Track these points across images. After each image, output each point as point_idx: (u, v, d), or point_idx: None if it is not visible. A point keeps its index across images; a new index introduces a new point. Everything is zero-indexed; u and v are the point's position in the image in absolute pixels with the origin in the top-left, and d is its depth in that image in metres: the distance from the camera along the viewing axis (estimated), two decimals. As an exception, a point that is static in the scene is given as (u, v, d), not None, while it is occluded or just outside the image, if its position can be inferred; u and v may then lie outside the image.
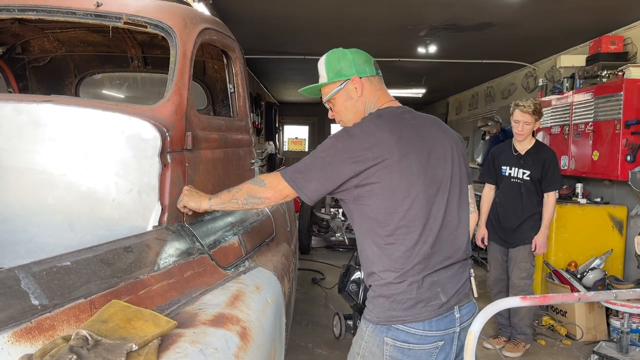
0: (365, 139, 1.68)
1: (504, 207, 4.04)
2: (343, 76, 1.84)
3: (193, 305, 1.55)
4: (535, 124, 3.86)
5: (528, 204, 3.93)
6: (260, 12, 5.26)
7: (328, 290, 5.68)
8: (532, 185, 3.91)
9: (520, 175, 3.95)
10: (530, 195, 3.93)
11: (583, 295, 1.97)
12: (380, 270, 1.71)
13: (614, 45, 5.07)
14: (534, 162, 3.90)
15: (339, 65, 1.85)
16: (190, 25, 2.07)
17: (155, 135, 1.75)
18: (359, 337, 1.79)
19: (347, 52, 1.88)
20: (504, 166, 4.05)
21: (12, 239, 1.73)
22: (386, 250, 1.69)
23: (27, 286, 1.18)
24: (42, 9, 2.03)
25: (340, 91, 1.85)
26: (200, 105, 3.40)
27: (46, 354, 1.08)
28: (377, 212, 1.68)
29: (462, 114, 11.42)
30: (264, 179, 1.79)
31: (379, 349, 1.71)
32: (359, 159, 1.65)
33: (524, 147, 3.97)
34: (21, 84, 3.04)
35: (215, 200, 1.86)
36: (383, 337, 1.71)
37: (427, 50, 6.61)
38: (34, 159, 1.78)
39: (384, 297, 1.70)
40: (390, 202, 1.67)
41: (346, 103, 1.85)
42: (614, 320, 4.17)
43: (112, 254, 1.46)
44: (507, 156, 4.05)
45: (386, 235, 1.69)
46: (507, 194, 4.02)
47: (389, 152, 1.66)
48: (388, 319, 1.70)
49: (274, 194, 1.77)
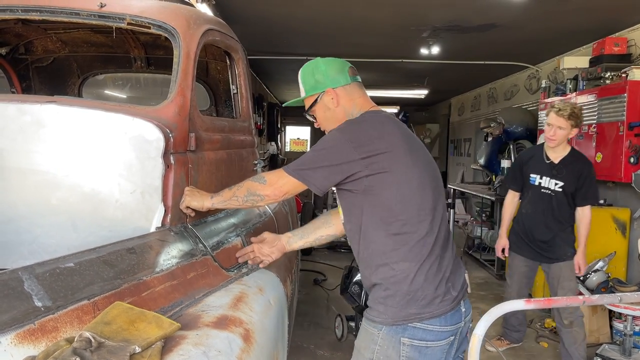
0: (374, 128, 1.74)
1: (531, 219, 3.68)
2: (318, 89, 1.88)
3: (196, 307, 1.55)
4: (571, 130, 3.45)
5: (559, 217, 3.59)
6: (262, 13, 5.26)
7: (330, 291, 5.68)
8: (564, 197, 3.54)
9: (552, 186, 3.57)
10: (561, 208, 3.57)
11: (587, 299, 1.96)
12: (395, 262, 1.69)
13: (618, 46, 5.06)
14: (568, 172, 3.52)
15: (312, 79, 1.89)
16: (193, 26, 2.07)
17: (158, 136, 1.75)
18: (370, 342, 1.73)
19: (320, 64, 1.90)
20: (533, 174, 3.65)
21: (15, 240, 1.73)
22: (401, 239, 1.69)
23: (31, 287, 1.18)
24: (45, 10, 2.03)
25: (317, 104, 1.90)
26: (203, 106, 3.39)
27: (49, 355, 1.08)
28: (390, 202, 1.69)
29: (465, 115, 11.40)
30: (265, 176, 1.82)
31: (395, 350, 1.69)
32: (368, 146, 1.68)
33: (557, 154, 3.56)
34: (24, 85, 3.04)
35: (217, 199, 1.88)
36: (399, 337, 1.68)
37: (429, 51, 6.60)
38: (37, 160, 1.78)
39: (401, 295, 1.68)
40: (404, 191, 1.69)
41: (325, 114, 1.91)
42: (617, 322, 4.16)
43: (115, 256, 1.46)
44: (538, 163, 3.65)
45: (401, 224, 1.69)
46: (535, 205, 3.66)
47: (398, 143, 1.71)
48: (405, 318, 1.68)
49: (273, 191, 1.78)
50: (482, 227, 7.48)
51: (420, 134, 13.52)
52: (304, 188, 1.77)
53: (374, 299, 1.76)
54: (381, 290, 1.73)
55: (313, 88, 1.89)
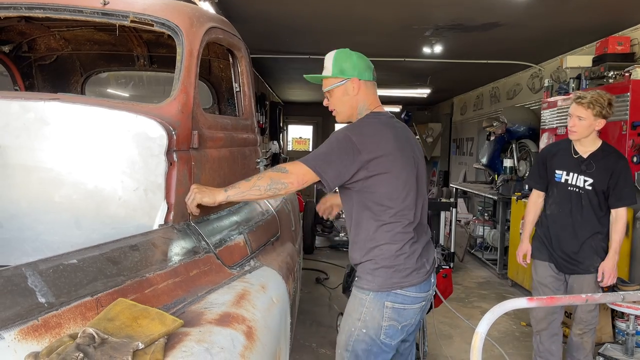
0: (375, 134, 2.03)
1: (556, 221, 3.26)
2: (345, 74, 2.13)
3: (199, 304, 1.55)
4: (595, 121, 3.04)
5: (589, 219, 3.15)
6: (265, 12, 5.26)
7: (332, 290, 5.68)
8: (594, 196, 3.12)
9: (580, 183, 3.15)
10: (591, 209, 3.14)
11: (590, 297, 1.96)
12: (383, 244, 2.06)
13: (621, 45, 5.05)
14: (599, 168, 3.11)
15: (344, 64, 2.13)
16: (196, 24, 2.07)
17: (161, 133, 1.75)
18: (358, 306, 2.12)
19: (353, 55, 2.17)
20: (558, 170, 3.24)
21: (19, 237, 1.74)
22: (388, 227, 2.06)
23: (34, 284, 1.18)
24: (49, 7, 2.04)
25: (340, 86, 2.14)
26: (206, 104, 3.40)
27: (53, 352, 1.08)
28: (382, 199, 2.04)
29: (467, 114, 11.39)
30: (285, 167, 2.01)
31: (380, 312, 2.09)
32: (371, 152, 1.98)
33: (587, 148, 3.16)
34: (27, 82, 3.05)
35: (233, 191, 1.96)
36: (384, 301, 2.08)
37: (432, 50, 6.59)
38: (40, 157, 1.78)
39: (386, 267, 2.07)
40: (394, 190, 2.04)
41: (343, 97, 2.16)
42: (619, 322, 4.16)
43: (119, 252, 1.46)
44: (564, 158, 3.23)
45: (389, 216, 2.06)
46: (561, 206, 3.24)
47: (392, 147, 2.03)
48: (390, 286, 2.07)
49: (297, 178, 1.98)
50: (484, 226, 7.48)
51: (423, 133, 13.50)
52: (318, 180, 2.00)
53: (363, 270, 2.12)
54: (371, 264, 2.09)
55: (342, 72, 2.12)
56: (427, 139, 13.46)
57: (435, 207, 5.09)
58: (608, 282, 3.11)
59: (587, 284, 3.17)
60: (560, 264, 3.24)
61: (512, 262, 6.07)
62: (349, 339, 2.16)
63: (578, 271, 3.20)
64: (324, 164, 1.97)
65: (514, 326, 4.78)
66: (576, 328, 3.30)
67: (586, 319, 3.25)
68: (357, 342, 2.13)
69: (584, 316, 3.25)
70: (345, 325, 2.19)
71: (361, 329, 2.11)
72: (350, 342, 2.15)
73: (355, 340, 2.13)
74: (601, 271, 3.10)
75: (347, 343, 2.16)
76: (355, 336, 2.13)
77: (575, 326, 3.30)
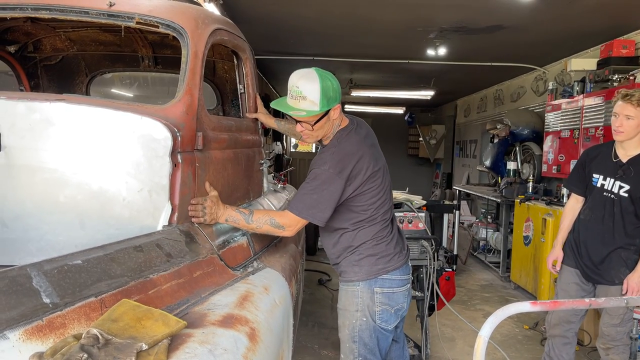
0: (353, 157, 2.14)
1: (587, 227, 3.08)
2: (331, 104, 2.10)
3: (202, 305, 1.56)
4: None
5: (620, 228, 2.94)
6: (269, 13, 5.26)
7: (334, 291, 5.68)
8: (629, 204, 2.91)
9: (615, 189, 2.96)
10: (625, 217, 2.93)
11: (594, 302, 1.95)
12: (365, 241, 2.26)
13: (626, 49, 5.03)
14: (637, 174, 2.89)
15: (330, 94, 2.09)
16: (202, 26, 2.08)
17: (166, 135, 1.76)
18: (352, 298, 2.28)
19: (331, 79, 2.12)
20: (595, 174, 3.06)
21: (23, 237, 1.74)
22: (370, 229, 2.25)
23: (39, 284, 1.19)
24: (55, 8, 2.05)
25: (325, 117, 2.13)
26: (210, 106, 3.41)
27: (57, 352, 1.09)
28: (366, 208, 2.23)
29: (471, 116, 11.37)
30: (281, 223, 2.13)
31: (371, 299, 2.26)
32: (353, 176, 2.14)
33: (628, 152, 2.94)
34: (32, 83, 3.06)
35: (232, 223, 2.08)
36: (373, 288, 2.26)
37: (436, 53, 6.58)
38: (45, 158, 1.79)
39: (370, 256, 2.25)
40: (379, 198, 2.24)
41: (325, 125, 2.17)
42: (622, 326, 4.13)
43: (123, 253, 1.47)
44: (603, 162, 3.05)
45: (373, 218, 2.25)
46: (594, 211, 3.06)
47: (369, 162, 2.17)
48: (376, 272, 2.25)
49: (291, 232, 2.16)
50: (487, 228, 7.46)
51: (426, 135, 13.48)
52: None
53: (348, 263, 2.29)
54: (355, 255, 2.27)
55: (328, 104, 2.09)
56: (430, 141, 13.44)
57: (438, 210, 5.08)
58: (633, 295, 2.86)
59: (611, 294, 2.95)
60: (586, 273, 3.08)
61: (515, 265, 6.06)
62: (352, 331, 2.30)
63: (602, 282, 3.02)
64: (317, 211, 2.12)
65: (516, 329, 4.77)
66: (600, 341, 3.11)
67: (609, 333, 3.03)
68: (362, 331, 2.28)
69: (607, 330, 3.04)
70: (345, 320, 2.32)
71: (361, 318, 2.27)
72: (355, 333, 2.29)
73: (359, 330, 2.29)
74: (626, 284, 2.92)
75: (352, 335, 2.30)
76: (359, 326, 2.28)
77: (599, 339, 3.12)
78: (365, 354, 2.31)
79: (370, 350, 2.31)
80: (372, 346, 2.31)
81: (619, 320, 2.99)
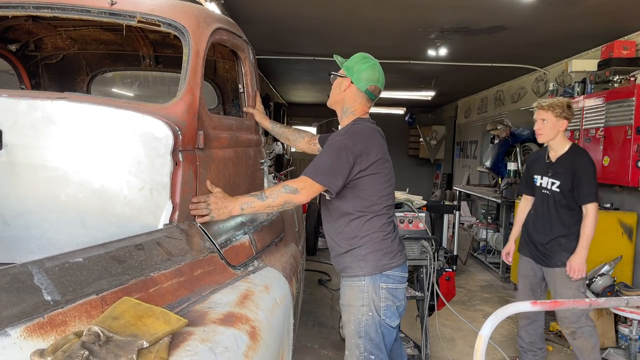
0: (367, 139, 2.30)
1: (533, 221, 3.56)
2: (348, 73, 2.41)
3: (203, 303, 1.56)
4: (557, 122, 3.33)
5: (557, 220, 3.38)
6: (270, 13, 5.27)
7: (334, 291, 5.68)
8: (562, 198, 3.36)
9: (549, 185, 3.43)
10: (559, 210, 3.38)
11: (594, 301, 1.96)
12: (370, 233, 2.32)
13: (626, 50, 5.03)
14: (564, 170, 3.35)
15: (353, 65, 2.40)
16: (203, 25, 2.08)
17: (167, 133, 1.76)
18: (358, 293, 2.33)
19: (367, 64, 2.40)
20: (535, 175, 3.57)
21: (25, 235, 1.75)
22: (377, 219, 2.33)
23: (40, 282, 1.19)
24: (56, 7, 2.05)
25: (339, 78, 2.45)
26: (211, 105, 3.41)
27: (58, 349, 1.09)
28: (373, 195, 2.31)
29: (471, 117, 11.37)
30: (296, 187, 2.18)
31: (377, 294, 2.32)
32: (364, 156, 2.25)
33: (557, 153, 3.43)
34: (33, 81, 3.06)
35: (249, 209, 2.11)
36: (378, 283, 2.32)
37: (437, 53, 6.58)
38: (47, 156, 1.79)
39: (376, 251, 2.32)
40: (384, 187, 2.34)
41: (336, 88, 2.46)
42: (622, 327, 4.15)
43: (124, 251, 1.47)
44: (539, 163, 3.57)
45: (379, 209, 2.33)
46: (536, 206, 3.56)
47: (381, 151, 2.33)
48: (382, 267, 2.32)
49: (307, 196, 2.20)
50: (488, 229, 7.47)
51: (427, 136, 13.48)
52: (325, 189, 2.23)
53: (354, 258, 2.34)
54: (361, 250, 2.33)
55: (347, 69, 2.41)
56: (431, 142, 13.44)
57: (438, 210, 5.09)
58: (575, 276, 3.26)
59: (556, 277, 3.39)
60: (536, 258, 3.52)
61: (515, 265, 6.05)
62: (358, 326, 2.33)
63: (549, 264, 3.43)
64: (330, 176, 2.20)
65: (516, 330, 4.76)
66: (562, 327, 3.45)
67: (565, 315, 3.36)
68: (368, 326, 2.32)
69: (562, 312, 3.39)
70: (351, 316, 2.36)
71: (367, 313, 2.32)
72: (361, 328, 2.33)
73: (365, 325, 2.32)
74: (568, 266, 3.29)
75: (358, 330, 2.34)
76: (365, 321, 2.32)
77: (560, 325, 3.45)
78: (371, 349, 2.33)
79: (376, 345, 2.33)
80: (378, 341, 2.33)
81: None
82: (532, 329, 3.61)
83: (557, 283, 3.39)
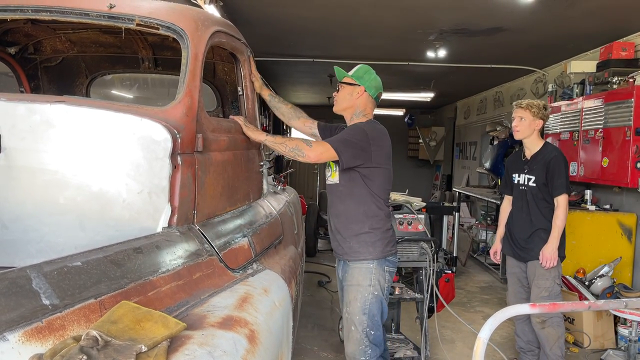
0: (380, 134, 2.67)
1: (513, 217, 3.77)
2: (359, 82, 2.74)
3: (201, 307, 1.55)
4: (533, 120, 3.56)
5: (536, 213, 3.58)
6: (270, 15, 5.27)
7: (334, 293, 5.67)
8: (538, 192, 3.57)
9: (525, 181, 3.66)
10: (537, 203, 3.58)
11: (593, 304, 1.96)
12: (377, 221, 2.66)
13: (625, 51, 5.04)
14: (538, 165, 3.59)
15: (363, 75, 2.76)
16: (202, 28, 2.08)
17: (166, 137, 1.76)
18: (367, 273, 2.64)
19: (373, 73, 2.79)
20: (513, 174, 3.78)
21: (23, 238, 1.75)
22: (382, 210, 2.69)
23: (38, 286, 1.19)
24: (55, 10, 2.05)
25: (350, 87, 2.75)
26: (210, 107, 3.41)
27: (56, 353, 1.09)
28: (379, 188, 2.66)
29: (471, 118, 11.38)
30: (312, 142, 2.55)
31: (382, 276, 2.67)
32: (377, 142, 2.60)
33: (531, 150, 3.67)
34: (32, 84, 3.06)
35: (271, 138, 2.53)
36: (384, 267, 2.68)
37: (436, 55, 6.59)
38: (46, 159, 1.79)
39: (382, 239, 2.66)
40: (388, 182, 2.70)
41: (347, 95, 2.76)
42: (622, 328, 4.15)
43: (122, 255, 1.47)
44: (516, 162, 3.80)
45: (383, 202, 2.69)
46: (515, 203, 3.76)
47: (388, 149, 2.70)
48: (387, 253, 2.68)
49: (315, 153, 2.51)
50: (487, 230, 7.46)
51: (426, 137, 13.48)
52: (336, 159, 2.53)
53: (364, 243, 2.65)
54: (370, 237, 2.65)
55: (359, 78, 2.74)
56: (430, 143, 13.44)
57: (438, 211, 5.10)
58: (547, 265, 3.46)
59: (535, 268, 3.55)
60: (518, 254, 3.70)
61: (514, 267, 6.05)
62: (364, 304, 2.63)
63: (528, 258, 3.61)
64: (343, 146, 2.51)
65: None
66: (533, 317, 3.58)
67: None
68: (372, 304, 2.63)
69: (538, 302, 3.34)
70: (358, 294, 2.64)
71: (373, 292, 2.63)
72: (367, 305, 2.63)
73: (370, 303, 2.63)
74: (541, 255, 3.48)
75: (363, 308, 2.63)
76: (370, 299, 2.63)
77: (532, 315, 3.56)
78: (372, 325, 2.63)
79: (376, 324, 2.65)
80: (377, 320, 2.66)
81: (547, 293, 3.50)
82: (528, 327, 3.72)
83: (535, 274, 3.55)
